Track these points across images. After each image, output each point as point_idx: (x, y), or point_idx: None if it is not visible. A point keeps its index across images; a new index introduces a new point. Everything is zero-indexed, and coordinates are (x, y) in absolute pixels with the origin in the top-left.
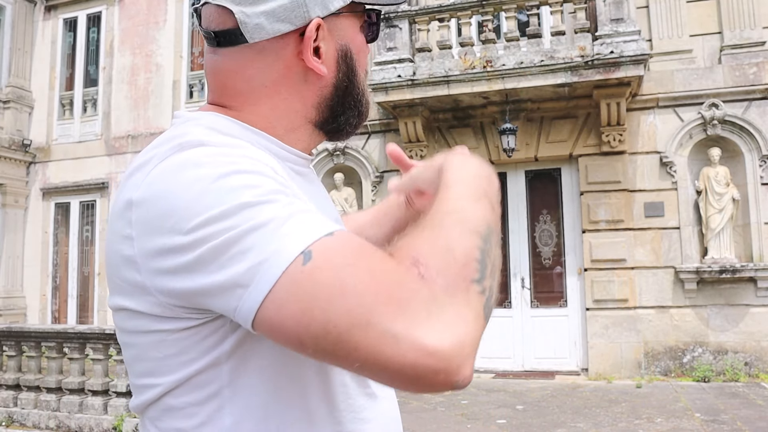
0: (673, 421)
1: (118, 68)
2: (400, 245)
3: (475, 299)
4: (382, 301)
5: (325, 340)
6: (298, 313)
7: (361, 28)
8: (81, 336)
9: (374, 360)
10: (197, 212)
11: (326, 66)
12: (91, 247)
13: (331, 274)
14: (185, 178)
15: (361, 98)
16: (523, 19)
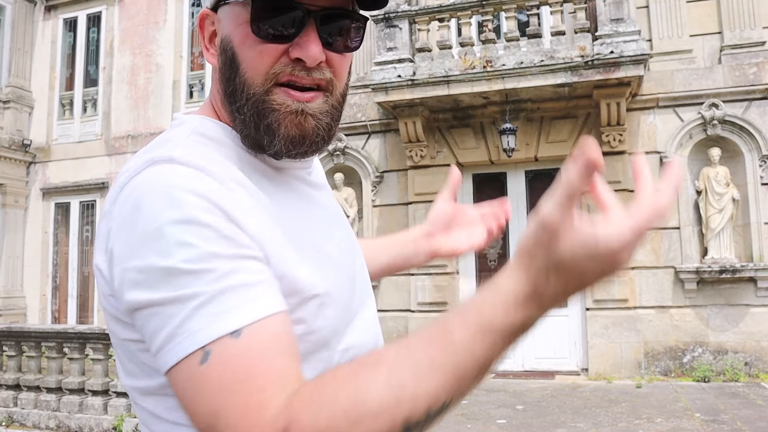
0: (673, 421)
1: (118, 68)
2: (319, 387)
3: None
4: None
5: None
6: (187, 398)
7: (249, 19)
8: (81, 336)
9: None
10: (140, 255)
11: (218, 59)
12: (91, 247)
13: (215, 387)
14: (142, 212)
15: (243, 101)
16: (523, 19)
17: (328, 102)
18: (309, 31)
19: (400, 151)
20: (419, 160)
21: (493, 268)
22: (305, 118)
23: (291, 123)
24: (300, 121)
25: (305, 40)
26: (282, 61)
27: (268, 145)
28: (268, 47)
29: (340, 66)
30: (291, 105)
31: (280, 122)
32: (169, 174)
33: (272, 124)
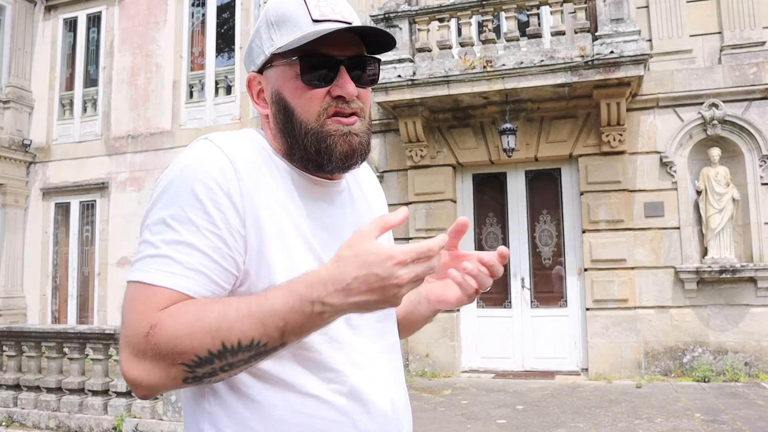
0: (673, 421)
1: (118, 68)
2: (179, 307)
3: (175, 371)
4: (125, 330)
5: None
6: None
7: (297, 74)
8: (81, 336)
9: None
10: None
11: (268, 107)
12: (91, 247)
13: (128, 306)
14: (172, 168)
15: (302, 136)
16: (523, 19)
17: (363, 123)
18: (343, 74)
19: (400, 151)
20: (419, 160)
21: None
22: (352, 137)
23: (344, 142)
24: (350, 140)
25: (343, 82)
26: (326, 101)
27: (327, 164)
28: (315, 92)
29: (366, 97)
30: (342, 129)
31: (336, 143)
32: (201, 150)
33: (330, 145)
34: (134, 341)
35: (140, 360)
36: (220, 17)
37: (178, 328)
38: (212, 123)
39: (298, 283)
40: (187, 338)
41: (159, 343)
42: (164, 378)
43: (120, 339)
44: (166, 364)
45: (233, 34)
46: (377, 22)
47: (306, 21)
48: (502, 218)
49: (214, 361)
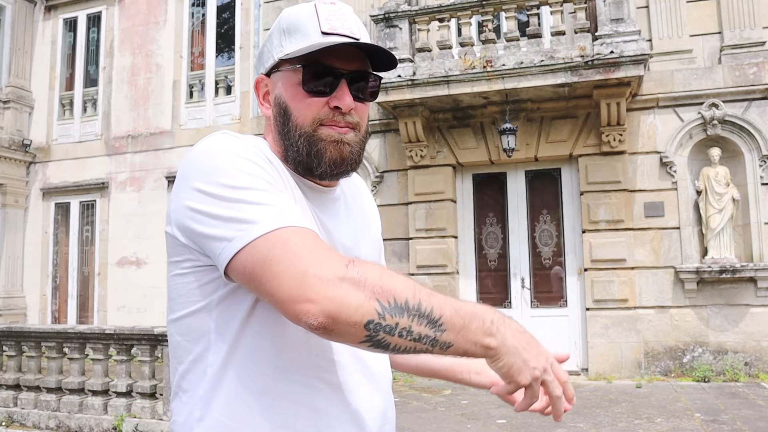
0: (673, 421)
1: (118, 68)
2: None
3: (367, 306)
4: (311, 258)
5: (261, 271)
6: (258, 257)
7: (300, 81)
8: (81, 336)
9: (283, 282)
10: (217, 175)
11: (271, 109)
12: (91, 247)
13: (294, 244)
14: (204, 151)
15: (296, 137)
16: (523, 19)
17: (357, 136)
18: (343, 87)
19: (400, 151)
20: (419, 160)
21: (493, 268)
22: (343, 145)
23: (334, 149)
24: (340, 148)
25: (341, 94)
26: (324, 111)
27: (317, 167)
28: (314, 100)
29: (363, 112)
30: (334, 135)
31: (325, 148)
32: (228, 138)
33: (320, 150)
34: (332, 268)
35: (339, 282)
36: (220, 17)
37: (381, 270)
38: (212, 123)
39: (483, 305)
40: (390, 279)
41: (362, 273)
42: (356, 308)
43: (298, 270)
44: (364, 293)
45: (233, 34)
46: (377, 22)
47: (315, 32)
48: (502, 218)
49: (403, 315)
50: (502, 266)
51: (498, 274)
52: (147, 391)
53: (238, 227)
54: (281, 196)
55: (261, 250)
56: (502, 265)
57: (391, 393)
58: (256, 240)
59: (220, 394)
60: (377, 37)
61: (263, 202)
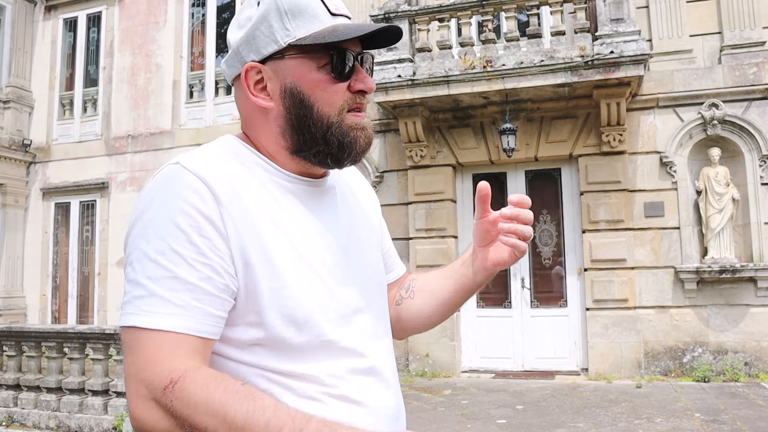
0: (673, 421)
1: (118, 68)
2: (207, 376)
3: (179, 427)
4: (136, 373)
5: (124, 356)
6: (125, 341)
7: (323, 67)
8: (81, 336)
9: (125, 387)
10: (133, 235)
11: (274, 101)
12: (91, 247)
13: (139, 352)
14: (142, 203)
15: (323, 130)
16: (523, 19)
17: (368, 118)
18: (359, 69)
19: (400, 151)
20: (419, 160)
21: None
22: (367, 131)
23: (363, 135)
24: (367, 134)
25: (362, 76)
26: (347, 95)
27: (347, 157)
28: (339, 86)
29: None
30: (360, 122)
31: (358, 137)
32: (172, 177)
33: (352, 140)
34: (151, 387)
35: (152, 406)
36: (220, 17)
37: (199, 401)
38: (212, 123)
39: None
40: (205, 416)
41: (175, 402)
42: (169, 430)
43: (130, 374)
44: (175, 422)
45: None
46: (377, 22)
47: (324, 14)
48: None
49: None
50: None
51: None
52: None
53: (125, 302)
54: (178, 273)
55: (124, 335)
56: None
57: (400, 391)
58: (122, 327)
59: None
60: None
61: (150, 287)
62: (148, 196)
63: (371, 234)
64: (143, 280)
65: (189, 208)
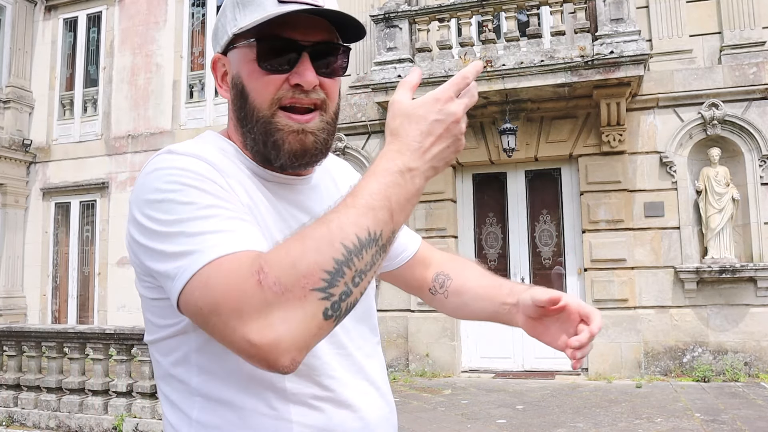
0: (673, 421)
1: (118, 68)
2: (271, 249)
3: (311, 305)
4: (228, 304)
5: (202, 320)
6: (193, 302)
7: (255, 57)
8: (81, 336)
9: (225, 341)
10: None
11: (229, 92)
12: (91, 247)
13: (212, 285)
14: (147, 181)
15: (252, 124)
16: (523, 19)
17: (324, 119)
18: (304, 61)
19: None
20: None
21: (493, 268)
22: (305, 135)
23: (293, 140)
24: (302, 139)
25: (302, 69)
26: (284, 88)
27: (275, 159)
28: (272, 78)
29: (331, 89)
30: (293, 126)
31: (284, 140)
32: (169, 158)
33: (278, 141)
34: (248, 303)
35: (266, 316)
36: None
37: (288, 254)
38: (212, 123)
39: (378, 164)
40: (304, 258)
41: (277, 278)
42: (304, 318)
43: (228, 320)
44: (297, 299)
45: None
46: (377, 22)
47: (271, 2)
48: (502, 218)
49: (344, 272)
50: (502, 266)
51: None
52: (147, 391)
53: (178, 264)
54: (220, 217)
55: (193, 294)
56: (502, 265)
57: (391, 393)
58: (192, 278)
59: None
60: (377, 37)
61: (197, 232)
62: (149, 182)
63: None
64: (196, 229)
65: (201, 177)
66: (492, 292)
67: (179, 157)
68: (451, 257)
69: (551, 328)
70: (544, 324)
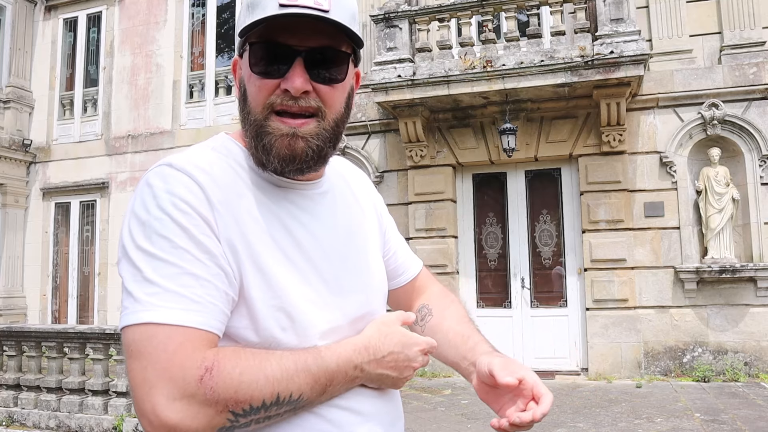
0: (673, 421)
1: (118, 68)
2: (234, 351)
3: (218, 419)
4: (160, 372)
5: (128, 361)
6: (130, 342)
7: (248, 61)
8: (81, 336)
9: (135, 393)
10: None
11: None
12: (91, 247)
13: (151, 347)
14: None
15: (250, 126)
16: (523, 19)
17: (320, 126)
18: (296, 66)
19: (400, 151)
20: (419, 160)
21: (493, 268)
22: (296, 140)
23: (282, 144)
24: (291, 143)
25: (291, 75)
26: (276, 93)
27: (267, 163)
28: (264, 82)
29: (329, 96)
30: (283, 129)
31: (273, 143)
32: (166, 175)
33: (267, 144)
34: (181, 384)
35: (185, 404)
36: (220, 17)
37: (241, 374)
38: (212, 123)
39: (346, 346)
40: (248, 387)
41: (216, 387)
42: (205, 425)
43: (148, 377)
44: (215, 412)
45: (233, 34)
46: (377, 22)
47: (272, 5)
48: (502, 218)
49: (260, 412)
50: (502, 266)
51: (498, 274)
52: None
53: (126, 304)
54: (184, 268)
55: (128, 338)
56: (502, 265)
57: (398, 396)
58: (129, 327)
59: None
60: (377, 37)
61: (156, 281)
62: (142, 196)
63: (372, 239)
64: (154, 278)
65: (187, 207)
66: (458, 342)
67: (175, 175)
68: (441, 293)
69: (503, 397)
70: (496, 392)
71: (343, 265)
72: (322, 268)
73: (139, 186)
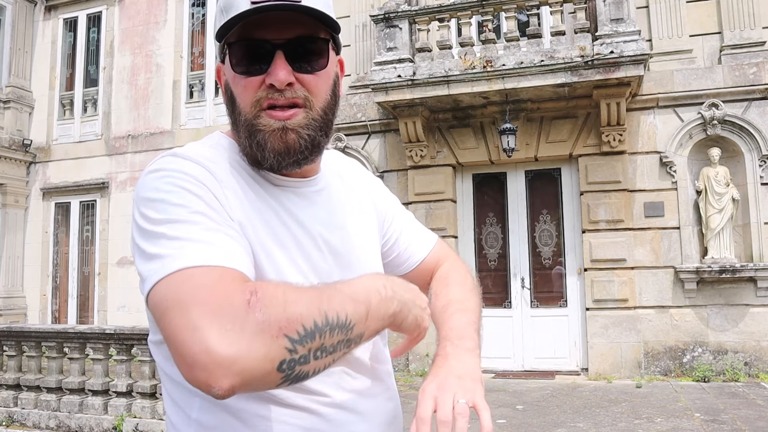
0: (673, 421)
1: (118, 68)
2: (267, 282)
3: (276, 349)
4: (203, 305)
5: (160, 314)
6: (160, 296)
7: (229, 62)
8: (81, 336)
9: (176, 338)
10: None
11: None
12: (91, 246)
13: (186, 285)
14: (147, 180)
15: (241, 126)
16: (523, 19)
17: (309, 116)
18: (277, 60)
19: (400, 151)
20: (419, 160)
21: (493, 268)
22: (286, 133)
23: (275, 139)
24: (283, 137)
25: (274, 69)
26: (261, 89)
27: (263, 160)
28: (249, 80)
29: (314, 84)
30: (273, 124)
31: (266, 139)
32: (171, 160)
33: (261, 141)
34: (230, 311)
35: (239, 333)
36: None
37: (284, 294)
38: (212, 123)
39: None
40: (295, 305)
41: (264, 308)
42: (265, 356)
43: (192, 319)
44: (270, 336)
45: None
46: (377, 22)
47: (245, 3)
48: (502, 218)
49: (315, 337)
50: (502, 266)
51: (498, 274)
52: (147, 391)
53: (151, 266)
54: (206, 226)
55: (160, 293)
56: (502, 265)
57: (397, 395)
58: (159, 282)
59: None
60: (377, 37)
61: (181, 236)
62: (150, 182)
63: (369, 233)
64: (178, 234)
65: (199, 183)
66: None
67: (181, 160)
68: (440, 277)
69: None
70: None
71: (339, 262)
72: (317, 264)
73: (144, 175)
